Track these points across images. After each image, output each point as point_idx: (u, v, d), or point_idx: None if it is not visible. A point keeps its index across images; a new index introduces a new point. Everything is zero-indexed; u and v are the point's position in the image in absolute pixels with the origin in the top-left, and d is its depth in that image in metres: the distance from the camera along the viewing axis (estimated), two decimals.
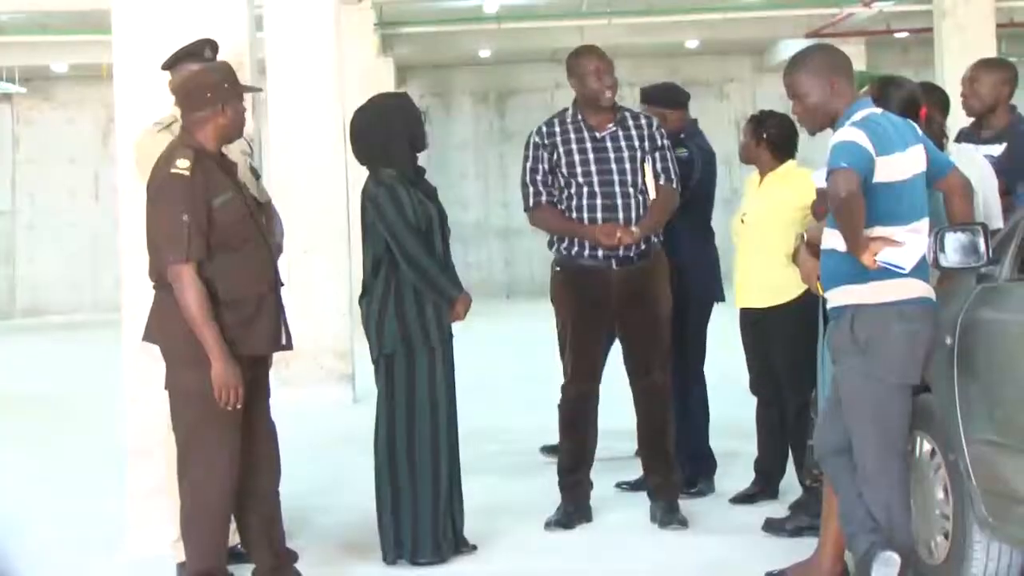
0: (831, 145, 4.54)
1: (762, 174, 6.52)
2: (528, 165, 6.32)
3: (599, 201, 6.19)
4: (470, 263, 20.52)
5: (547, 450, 7.54)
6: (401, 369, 5.63)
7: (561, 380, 6.37)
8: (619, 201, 6.18)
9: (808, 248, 5.13)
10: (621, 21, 18.03)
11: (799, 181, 6.34)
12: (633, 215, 6.17)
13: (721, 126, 20.32)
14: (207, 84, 5.03)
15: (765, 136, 6.44)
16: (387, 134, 5.71)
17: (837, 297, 4.66)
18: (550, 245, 6.40)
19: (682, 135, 6.86)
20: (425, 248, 5.61)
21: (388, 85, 16.99)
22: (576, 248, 6.23)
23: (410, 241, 5.58)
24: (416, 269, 5.59)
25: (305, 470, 7.29)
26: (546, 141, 6.29)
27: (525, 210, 6.41)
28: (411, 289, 5.62)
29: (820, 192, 5.29)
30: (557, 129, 6.31)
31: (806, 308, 5.99)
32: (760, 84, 20.97)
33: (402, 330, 5.60)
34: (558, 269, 6.35)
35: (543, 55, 20.31)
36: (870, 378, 4.56)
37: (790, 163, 6.48)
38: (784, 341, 6.28)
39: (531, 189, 6.30)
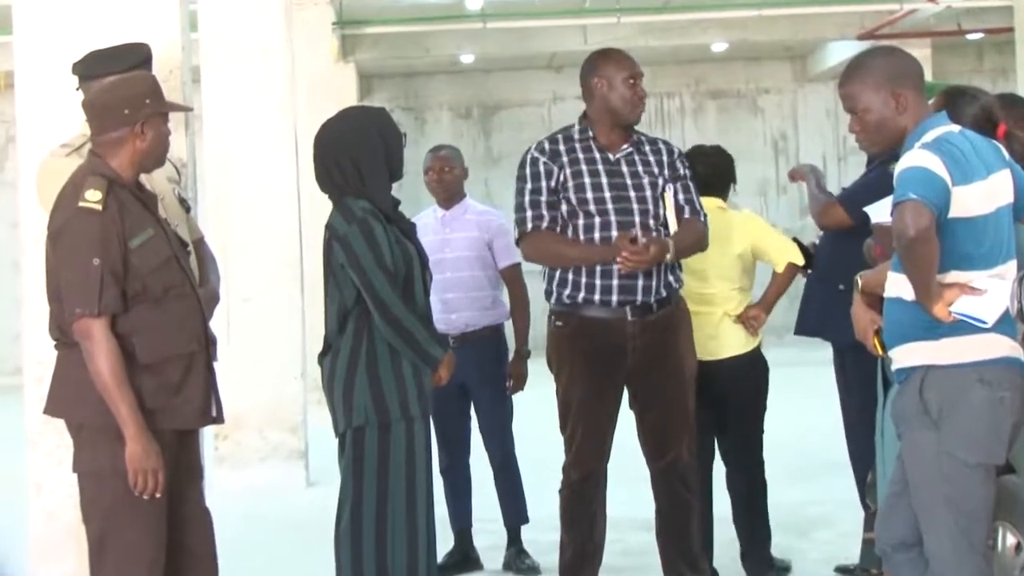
0: (897, 172, 4.54)
1: None
2: (528, 186, 6.24)
3: (615, 232, 6.12)
4: None
5: None
6: (372, 445, 5.57)
7: (562, 458, 6.32)
8: (640, 233, 6.12)
9: (864, 297, 5.10)
10: (631, 20, 18.04)
11: None
12: None
13: (754, 146, 20.39)
14: (123, 100, 4.99)
15: None
16: (362, 158, 5.67)
17: (903, 357, 4.66)
18: (547, 295, 6.32)
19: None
20: (404, 299, 5.57)
21: (350, 96, 17.03)
22: (583, 294, 6.17)
23: (387, 291, 5.52)
24: (394, 325, 5.53)
25: (248, 567, 7.22)
26: (550, 158, 6.24)
27: (517, 242, 6.36)
28: (386, 348, 5.57)
29: (881, 229, 5.27)
30: (562, 147, 6.27)
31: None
32: (801, 95, 21.07)
33: (375, 398, 5.55)
34: (559, 324, 6.28)
35: (538, 61, 20.39)
36: (944, 455, 4.54)
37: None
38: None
39: (530, 212, 6.21)
